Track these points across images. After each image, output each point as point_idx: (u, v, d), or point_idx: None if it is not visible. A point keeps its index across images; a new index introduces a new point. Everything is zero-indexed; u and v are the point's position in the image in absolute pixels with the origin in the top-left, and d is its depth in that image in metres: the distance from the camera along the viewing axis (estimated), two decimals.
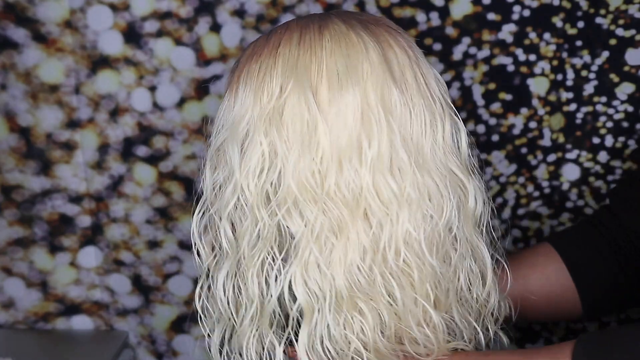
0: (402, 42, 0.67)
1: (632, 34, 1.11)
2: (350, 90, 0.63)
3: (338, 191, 0.63)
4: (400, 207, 0.63)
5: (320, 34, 0.65)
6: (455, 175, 0.67)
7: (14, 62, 1.08)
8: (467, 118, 1.14)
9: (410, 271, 0.64)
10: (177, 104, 1.11)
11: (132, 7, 1.07)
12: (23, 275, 1.19)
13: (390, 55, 0.65)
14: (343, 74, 0.63)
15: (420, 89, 0.65)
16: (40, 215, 1.16)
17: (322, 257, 0.63)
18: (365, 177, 0.63)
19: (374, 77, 0.63)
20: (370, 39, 0.65)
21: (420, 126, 0.64)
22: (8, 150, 1.13)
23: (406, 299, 0.65)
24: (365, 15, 0.69)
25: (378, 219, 0.63)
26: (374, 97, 0.63)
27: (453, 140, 0.67)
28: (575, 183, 1.19)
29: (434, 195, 0.65)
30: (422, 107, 0.65)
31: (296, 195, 0.63)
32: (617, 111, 1.15)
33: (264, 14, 1.08)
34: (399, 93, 0.63)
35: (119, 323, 1.23)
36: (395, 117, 0.63)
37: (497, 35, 1.11)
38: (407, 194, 0.63)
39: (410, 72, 0.65)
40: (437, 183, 0.65)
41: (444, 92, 0.68)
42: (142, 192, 1.15)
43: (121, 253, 1.19)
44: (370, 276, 0.64)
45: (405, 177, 0.63)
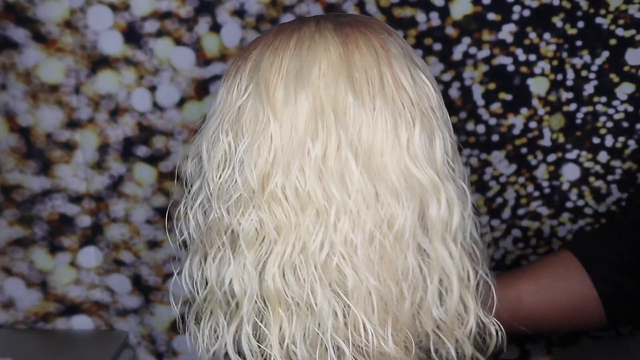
0: (376, 42, 0.65)
1: (632, 34, 1.11)
2: (303, 92, 0.63)
3: (282, 193, 0.63)
4: (338, 214, 0.62)
5: (289, 36, 0.66)
6: (420, 182, 0.63)
7: (14, 62, 1.08)
8: (467, 118, 1.14)
9: (345, 281, 0.63)
10: (177, 104, 1.11)
11: (132, 7, 1.07)
12: (23, 275, 1.19)
13: (354, 57, 0.63)
14: (298, 74, 0.63)
15: (386, 92, 0.63)
16: (40, 215, 1.16)
17: (257, 257, 0.64)
18: (309, 181, 0.62)
19: (328, 79, 0.62)
20: (336, 40, 0.64)
21: (381, 131, 0.62)
22: (8, 150, 1.13)
23: (336, 309, 0.63)
24: (352, 17, 0.68)
25: (319, 223, 0.63)
26: (325, 100, 0.62)
27: (428, 146, 0.64)
28: (575, 183, 1.19)
29: (386, 203, 0.62)
30: (384, 111, 0.62)
31: (242, 193, 0.64)
32: (617, 111, 1.15)
33: (264, 14, 1.08)
34: (354, 96, 0.62)
35: (119, 323, 1.23)
36: (347, 121, 0.62)
37: (497, 35, 1.11)
38: (347, 200, 0.62)
39: (376, 74, 0.63)
40: (394, 190, 0.62)
41: (427, 95, 0.65)
42: (142, 192, 1.15)
43: (121, 253, 1.19)
44: (299, 282, 0.63)
45: (351, 182, 0.62)
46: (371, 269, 0.63)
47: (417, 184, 0.63)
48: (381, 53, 0.64)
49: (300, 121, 0.63)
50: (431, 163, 0.64)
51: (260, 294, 0.65)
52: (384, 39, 0.65)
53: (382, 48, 0.64)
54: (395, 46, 0.65)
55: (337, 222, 0.62)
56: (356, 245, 0.62)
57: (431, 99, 0.66)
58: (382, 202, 0.62)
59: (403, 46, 0.67)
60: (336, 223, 0.62)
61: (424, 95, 0.65)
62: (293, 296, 0.63)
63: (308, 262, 0.63)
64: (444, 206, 0.64)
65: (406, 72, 0.64)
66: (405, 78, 0.64)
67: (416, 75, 0.65)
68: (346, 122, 0.62)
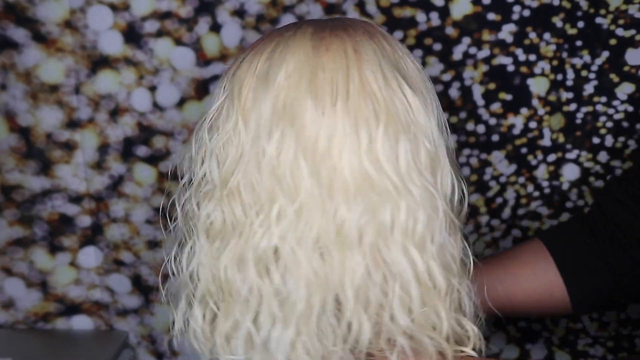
0: (349, 45, 0.64)
1: (632, 34, 1.11)
2: (268, 93, 0.64)
3: (238, 190, 0.65)
4: (280, 215, 0.63)
5: (271, 40, 0.67)
6: (378, 186, 0.62)
7: (14, 62, 1.08)
8: (467, 118, 1.14)
9: (284, 284, 0.64)
10: (177, 104, 1.11)
11: (132, 7, 1.07)
12: (23, 275, 1.19)
13: (322, 59, 0.64)
14: (265, 76, 0.65)
15: (350, 95, 0.62)
16: (40, 215, 1.16)
17: (217, 249, 0.66)
18: (262, 180, 0.63)
19: (292, 82, 0.63)
20: (308, 43, 0.65)
21: (340, 134, 0.62)
22: (8, 150, 1.13)
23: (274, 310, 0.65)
24: (340, 20, 0.68)
25: (265, 223, 0.64)
26: (286, 101, 0.63)
27: (390, 151, 0.62)
28: (575, 183, 1.19)
29: (337, 206, 0.62)
30: (344, 114, 0.62)
31: (204, 188, 0.67)
32: (617, 111, 1.15)
33: (264, 14, 1.08)
34: (314, 99, 0.62)
35: (119, 323, 1.23)
36: (304, 123, 0.62)
37: (497, 35, 1.11)
38: (292, 202, 0.62)
39: (341, 77, 0.63)
40: (349, 193, 0.61)
41: (403, 102, 0.64)
42: (142, 192, 1.15)
43: (121, 253, 1.19)
44: (245, 277, 0.65)
45: (301, 185, 0.62)
46: (309, 273, 0.62)
47: (375, 187, 0.62)
48: (351, 56, 0.64)
49: (262, 122, 0.64)
50: (394, 168, 0.62)
51: (214, 283, 0.67)
52: (359, 42, 0.65)
53: (355, 51, 0.64)
54: (372, 51, 0.65)
55: (277, 224, 0.62)
56: (294, 249, 0.62)
57: (408, 107, 0.64)
58: (334, 205, 0.62)
59: (386, 52, 0.66)
60: (278, 224, 0.62)
61: (398, 102, 0.64)
62: (239, 290, 0.65)
63: (254, 260, 0.64)
64: (404, 212, 0.62)
65: (378, 77, 0.63)
66: (376, 82, 0.63)
67: (392, 82, 0.64)
68: (303, 124, 0.62)
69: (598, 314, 1.26)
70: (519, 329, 1.28)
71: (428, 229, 0.63)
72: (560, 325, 1.28)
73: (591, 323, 1.26)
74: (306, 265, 0.62)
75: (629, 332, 1.26)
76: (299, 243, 0.62)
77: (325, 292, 0.63)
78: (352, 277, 0.62)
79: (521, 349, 1.29)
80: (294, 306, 0.63)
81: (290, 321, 0.64)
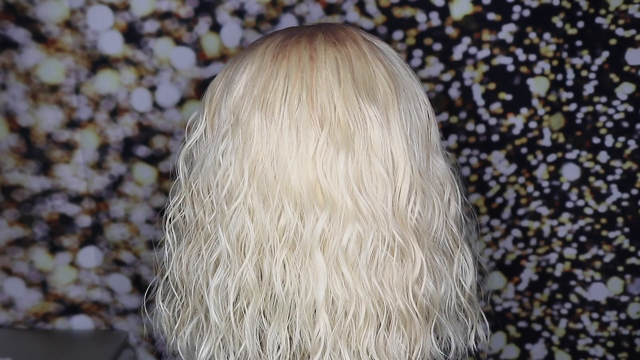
0: (306, 55, 0.64)
1: (632, 34, 1.11)
2: (226, 102, 0.66)
3: (199, 193, 0.68)
4: (223, 221, 0.65)
5: (250, 46, 0.68)
6: (323, 191, 0.62)
7: (14, 62, 1.08)
8: (467, 118, 1.14)
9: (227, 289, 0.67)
10: (177, 104, 1.11)
11: (132, 7, 1.07)
12: (23, 275, 1.19)
13: (277, 69, 0.64)
14: (228, 84, 0.66)
15: (298, 107, 0.62)
16: (40, 215, 1.16)
17: (185, 246, 0.70)
18: (214, 185, 0.66)
19: (245, 91, 0.65)
20: (270, 52, 0.65)
21: (287, 141, 0.62)
22: (8, 150, 1.13)
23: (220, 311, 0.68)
24: (315, 27, 0.67)
25: (213, 228, 0.67)
26: (236, 111, 0.64)
27: (332, 159, 0.62)
28: (575, 183, 1.19)
29: (281, 211, 0.63)
30: (290, 124, 0.62)
31: (183, 191, 0.70)
32: (617, 111, 1.15)
33: (264, 14, 1.08)
34: (261, 110, 0.63)
35: (119, 323, 1.23)
36: (251, 131, 0.63)
37: (497, 35, 1.11)
38: (231, 208, 0.64)
39: (293, 88, 0.63)
40: (295, 198, 0.63)
41: (357, 117, 0.63)
42: (142, 192, 1.15)
43: (121, 253, 1.19)
44: (194, 276, 0.68)
45: (241, 191, 0.64)
46: (249, 279, 0.64)
47: (315, 196, 0.62)
48: (307, 65, 0.63)
49: (220, 128, 0.66)
50: (331, 179, 0.62)
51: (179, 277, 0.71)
52: (318, 50, 0.64)
53: (311, 59, 0.64)
54: (333, 59, 0.64)
55: (224, 227, 0.65)
56: (229, 254, 0.65)
57: (360, 119, 0.63)
58: (277, 210, 0.63)
59: (350, 61, 0.64)
60: (225, 227, 0.65)
61: (354, 116, 0.63)
62: (191, 287, 0.69)
63: (201, 261, 0.67)
64: (329, 223, 0.63)
65: (333, 87, 0.63)
66: (327, 92, 0.63)
67: (349, 92, 0.63)
68: (250, 132, 0.63)
69: (598, 314, 1.26)
70: (519, 329, 1.28)
71: (356, 247, 0.63)
72: (560, 325, 1.28)
73: (591, 323, 1.26)
74: (244, 268, 0.65)
75: (629, 332, 1.26)
76: (238, 245, 0.65)
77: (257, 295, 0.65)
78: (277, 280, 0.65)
79: (521, 349, 1.29)
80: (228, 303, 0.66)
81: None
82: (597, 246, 1.22)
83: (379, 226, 0.63)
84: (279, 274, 0.64)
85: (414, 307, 0.65)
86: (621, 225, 1.21)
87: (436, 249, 0.68)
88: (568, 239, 1.22)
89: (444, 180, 0.69)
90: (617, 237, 1.21)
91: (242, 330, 0.66)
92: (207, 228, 0.67)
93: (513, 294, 1.25)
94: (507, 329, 1.28)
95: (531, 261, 1.24)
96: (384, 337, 0.65)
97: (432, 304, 0.67)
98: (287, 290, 0.64)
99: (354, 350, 0.64)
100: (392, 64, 0.66)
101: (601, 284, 1.24)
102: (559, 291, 1.26)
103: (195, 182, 0.68)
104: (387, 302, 0.64)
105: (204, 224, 0.67)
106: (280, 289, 0.64)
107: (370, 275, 0.64)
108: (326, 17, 1.09)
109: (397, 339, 0.65)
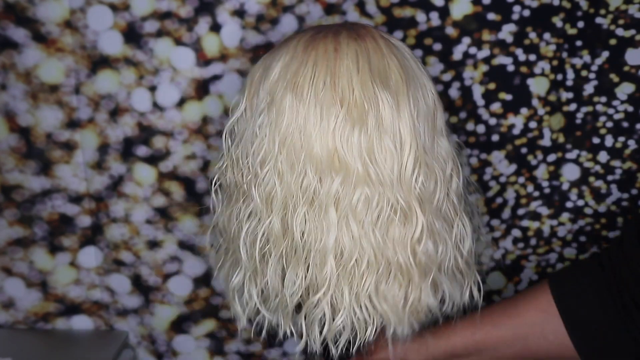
0: (331, 47, 0.77)
1: (632, 34, 1.11)
2: (264, 84, 0.79)
3: (237, 160, 0.82)
4: (258, 184, 0.79)
5: (285, 40, 0.83)
6: (339, 158, 0.75)
7: (14, 62, 1.08)
8: (467, 118, 1.14)
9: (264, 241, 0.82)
10: (177, 104, 1.11)
11: (132, 7, 1.07)
12: (23, 275, 1.19)
13: (307, 58, 0.77)
14: (266, 69, 0.80)
15: (322, 90, 0.75)
16: (40, 215, 1.16)
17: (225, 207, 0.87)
18: (251, 155, 0.80)
19: (280, 76, 0.78)
20: (301, 44, 0.78)
21: (312, 117, 0.75)
22: (8, 150, 1.13)
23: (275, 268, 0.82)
24: (340, 25, 0.81)
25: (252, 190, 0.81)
26: (272, 92, 0.78)
27: (349, 134, 0.75)
28: (575, 183, 1.19)
29: (305, 174, 0.76)
30: (315, 105, 0.76)
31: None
32: (617, 111, 1.15)
33: (264, 14, 1.08)
34: (293, 91, 0.76)
35: (119, 323, 1.23)
36: (283, 110, 0.77)
37: (497, 35, 1.11)
38: (263, 171, 0.78)
39: (320, 73, 0.76)
40: (318, 164, 0.76)
41: (373, 103, 0.75)
42: (142, 192, 1.15)
43: (121, 253, 1.19)
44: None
45: (273, 159, 0.77)
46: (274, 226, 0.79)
47: (337, 159, 0.75)
48: (331, 56, 0.76)
49: (258, 106, 0.80)
50: (349, 151, 0.75)
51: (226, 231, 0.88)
52: (342, 43, 0.77)
53: (335, 51, 0.76)
54: (354, 52, 0.76)
55: (254, 189, 0.79)
56: (260, 208, 0.79)
57: (373, 104, 0.75)
58: (301, 173, 0.76)
59: (369, 54, 0.77)
60: (258, 189, 0.79)
61: (365, 99, 0.75)
62: (230, 233, 0.85)
63: (238, 213, 0.83)
64: (343, 186, 0.76)
65: (352, 75, 0.75)
66: (347, 79, 0.75)
67: (366, 80, 0.75)
68: (283, 109, 0.76)
69: None
70: None
71: (364, 206, 0.76)
72: None
73: None
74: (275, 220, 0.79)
75: None
76: (268, 201, 0.78)
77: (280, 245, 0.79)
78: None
79: None
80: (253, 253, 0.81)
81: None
82: (597, 246, 1.22)
83: (386, 191, 0.76)
84: (299, 225, 0.77)
85: (412, 262, 0.78)
86: (621, 225, 1.21)
87: (438, 215, 0.80)
88: (568, 238, 1.22)
89: (447, 158, 0.81)
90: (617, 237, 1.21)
91: (267, 268, 0.80)
92: (244, 188, 0.81)
93: (513, 293, 1.25)
94: None
95: (531, 261, 1.24)
96: (383, 284, 0.78)
97: (431, 261, 0.79)
98: (305, 239, 0.77)
99: (355, 291, 0.78)
100: (404, 58, 0.79)
101: None
102: None
103: (235, 152, 0.82)
104: (388, 256, 0.77)
105: (241, 185, 0.81)
106: (299, 237, 0.77)
107: (375, 231, 0.76)
108: (326, 17, 1.09)
109: (394, 287, 0.79)
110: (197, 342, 1.24)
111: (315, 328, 0.80)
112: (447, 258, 0.81)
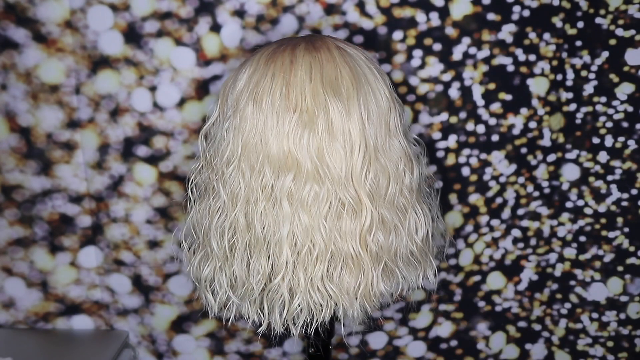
0: (288, 59, 0.85)
1: (632, 34, 1.11)
2: (232, 93, 0.88)
3: (210, 161, 0.91)
4: (224, 180, 0.88)
5: (256, 52, 0.93)
6: (292, 157, 0.83)
7: (14, 62, 1.08)
8: (467, 118, 1.14)
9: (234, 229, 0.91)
10: (177, 104, 1.11)
11: (132, 7, 1.07)
12: (23, 275, 1.19)
13: (268, 70, 0.85)
14: (234, 79, 0.89)
15: (278, 98, 0.84)
16: (40, 215, 1.16)
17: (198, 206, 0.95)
18: (219, 156, 0.89)
19: (244, 85, 0.86)
20: (264, 57, 0.87)
21: (270, 122, 0.84)
22: (8, 150, 1.13)
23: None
24: (300, 38, 0.88)
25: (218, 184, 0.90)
26: (238, 106, 0.86)
27: (300, 135, 0.83)
28: (575, 183, 1.19)
29: (263, 174, 0.85)
30: (273, 112, 0.84)
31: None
32: (617, 111, 1.15)
33: (264, 14, 1.08)
34: (253, 102, 0.85)
35: (119, 323, 1.23)
36: (246, 116, 0.85)
37: (497, 35, 1.11)
38: (229, 170, 0.87)
39: (276, 85, 0.84)
40: (274, 164, 0.84)
41: (324, 108, 0.83)
42: (142, 192, 1.15)
43: (121, 253, 1.19)
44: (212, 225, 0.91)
45: (237, 160, 0.86)
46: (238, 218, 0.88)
47: (290, 158, 0.83)
48: (287, 67, 0.85)
49: (226, 113, 0.88)
50: (300, 150, 0.83)
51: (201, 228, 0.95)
52: (297, 55, 0.85)
53: (291, 62, 0.85)
54: (308, 63, 0.84)
55: (221, 187, 0.88)
56: (225, 203, 0.87)
57: (324, 109, 0.83)
58: (260, 172, 0.84)
59: (322, 64, 0.85)
60: (223, 186, 0.88)
61: (319, 104, 0.83)
62: (201, 228, 0.93)
63: (209, 209, 0.91)
64: (294, 181, 0.84)
65: (307, 87, 0.83)
66: (301, 87, 0.83)
67: (318, 88, 0.83)
68: (245, 117, 0.85)
69: (598, 314, 1.26)
70: (519, 329, 1.28)
71: (314, 201, 0.84)
72: (560, 325, 1.28)
73: (591, 323, 1.26)
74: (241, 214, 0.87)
75: (629, 332, 1.26)
76: (233, 197, 0.87)
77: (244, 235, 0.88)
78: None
79: (521, 349, 1.29)
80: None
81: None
82: (597, 246, 1.22)
83: (335, 187, 0.84)
84: (259, 219, 0.86)
85: (361, 252, 0.86)
86: (621, 225, 1.21)
87: (390, 208, 0.87)
88: (568, 238, 1.22)
89: (400, 156, 0.88)
90: (616, 237, 1.21)
91: (234, 259, 0.89)
92: (213, 185, 0.89)
93: (513, 294, 1.25)
94: (507, 328, 1.28)
95: (531, 261, 1.24)
96: (335, 270, 0.86)
97: (382, 250, 0.87)
98: (265, 231, 0.86)
99: (310, 276, 0.86)
100: (357, 66, 0.86)
101: (601, 284, 1.24)
102: (559, 291, 1.26)
103: (209, 154, 0.90)
104: (340, 245, 0.85)
105: (212, 183, 0.90)
106: (260, 230, 0.86)
107: (324, 223, 0.85)
108: (326, 17, 1.09)
109: (345, 274, 0.87)
110: (197, 342, 1.24)
111: (276, 310, 0.88)
112: (401, 245, 0.89)
